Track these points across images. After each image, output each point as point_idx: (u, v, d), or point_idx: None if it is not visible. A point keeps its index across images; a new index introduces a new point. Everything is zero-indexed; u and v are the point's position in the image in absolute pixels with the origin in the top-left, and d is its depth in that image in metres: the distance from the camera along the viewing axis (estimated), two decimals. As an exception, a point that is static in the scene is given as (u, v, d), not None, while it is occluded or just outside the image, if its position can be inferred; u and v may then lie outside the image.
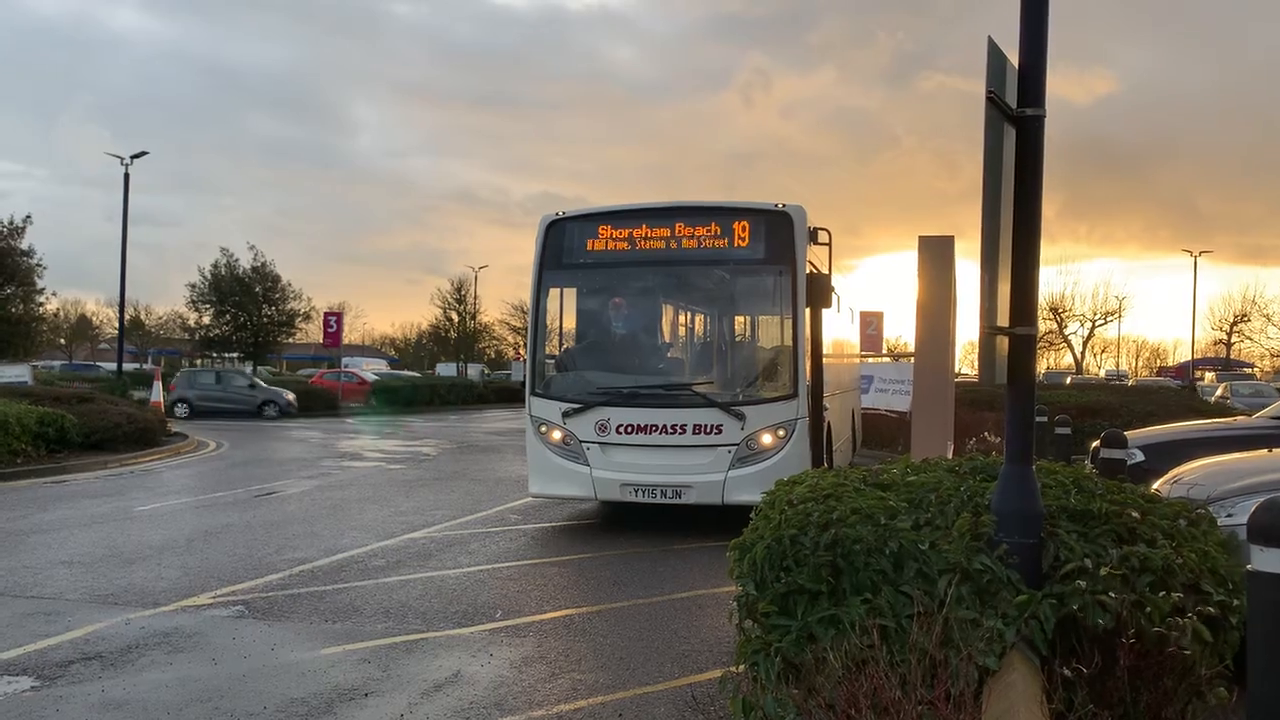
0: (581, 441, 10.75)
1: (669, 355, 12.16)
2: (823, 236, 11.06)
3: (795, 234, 10.53)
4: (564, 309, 11.83)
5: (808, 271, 10.64)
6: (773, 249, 10.70)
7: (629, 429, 10.56)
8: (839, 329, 14.96)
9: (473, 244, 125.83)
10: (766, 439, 10.36)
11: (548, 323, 11.59)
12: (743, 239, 10.75)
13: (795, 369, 10.44)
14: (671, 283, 11.71)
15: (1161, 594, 3.76)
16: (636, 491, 10.57)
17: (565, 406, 10.88)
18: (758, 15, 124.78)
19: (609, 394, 10.80)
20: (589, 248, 11.27)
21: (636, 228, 11.03)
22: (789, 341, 10.62)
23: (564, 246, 11.29)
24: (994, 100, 4.05)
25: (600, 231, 11.16)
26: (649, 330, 11.84)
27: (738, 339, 12.48)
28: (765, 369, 11.14)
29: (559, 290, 11.67)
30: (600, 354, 11.64)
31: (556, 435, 10.91)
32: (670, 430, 10.45)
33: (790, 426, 10.37)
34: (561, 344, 12.05)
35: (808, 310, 10.52)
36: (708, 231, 10.86)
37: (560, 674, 5.95)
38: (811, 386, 10.58)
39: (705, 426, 10.41)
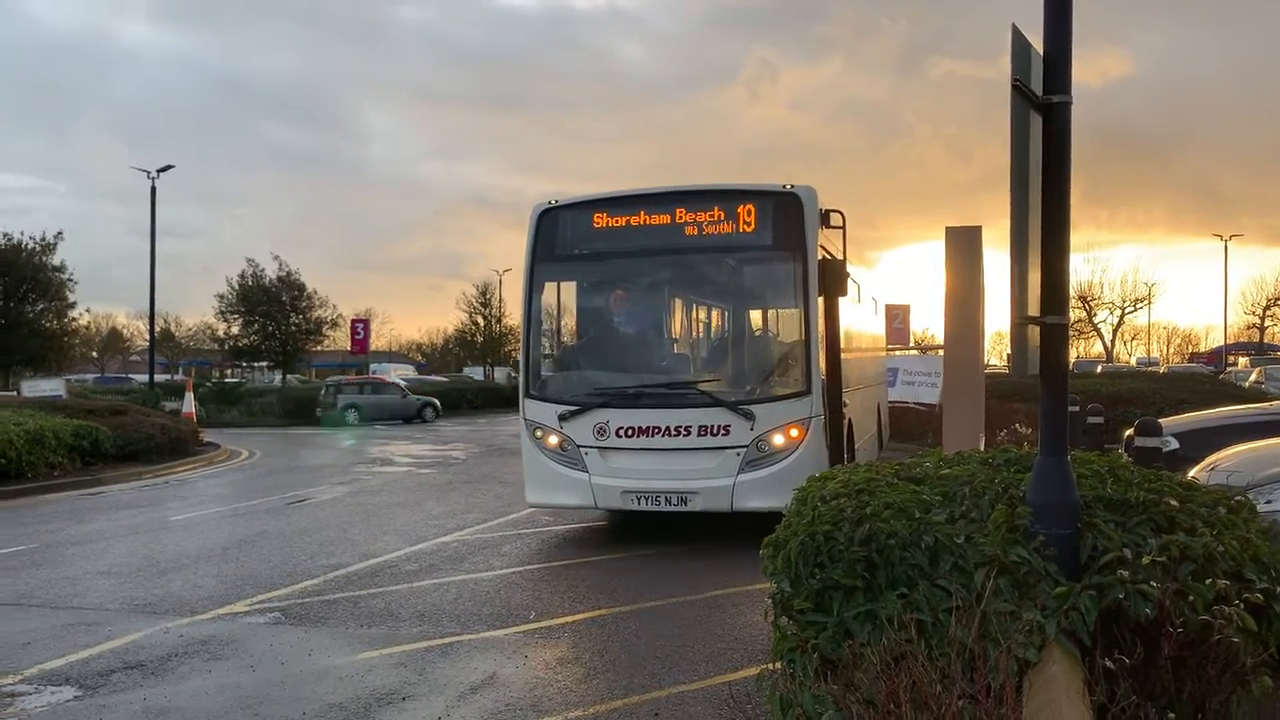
0: (579, 446, 10.05)
1: (671, 351, 11.34)
2: (836, 219, 10.24)
3: (805, 217, 9.79)
4: (558, 304, 11.16)
5: (820, 257, 9.90)
6: (781, 233, 9.95)
7: (629, 432, 9.88)
8: (860, 319, 14.12)
9: (490, 247, 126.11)
10: (778, 440, 9.62)
11: (542, 320, 10.84)
12: (748, 223, 9.99)
13: (808, 363, 9.72)
14: (672, 273, 10.89)
15: (1207, 581, 3.71)
16: (639, 499, 9.90)
17: (561, 409, 10.16)
18: (765, 7, 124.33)
19: (607, 394, 10.09)
20: (583, 238, 10.63)
21: (634, 215, 10.31)
22: (801, 334, 9.88)
23: (557, 237, 10.60)
24: (1019, 88, 4.02)
25: (595, 220, 10.44)
26: (649, 325, 11.08)
27: (745, 332, 11.59)
28: (776, 364, 10.46)
29: (552, 284, 10.97)
30: (597, 352, 10.95)
31: (553, 440, 10.22)
32: (674, 432, 9.76)
33: (804, 425, 9.63)
34: (556, 342, 11.39)
35: (821, 299, 9.80)
36: (710, 217, 10.08)
37: (595, 674, 5.95)
38: (828, 382, 9.89)
39: (711, 428, 9.70)
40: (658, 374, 10.55)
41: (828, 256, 10.18)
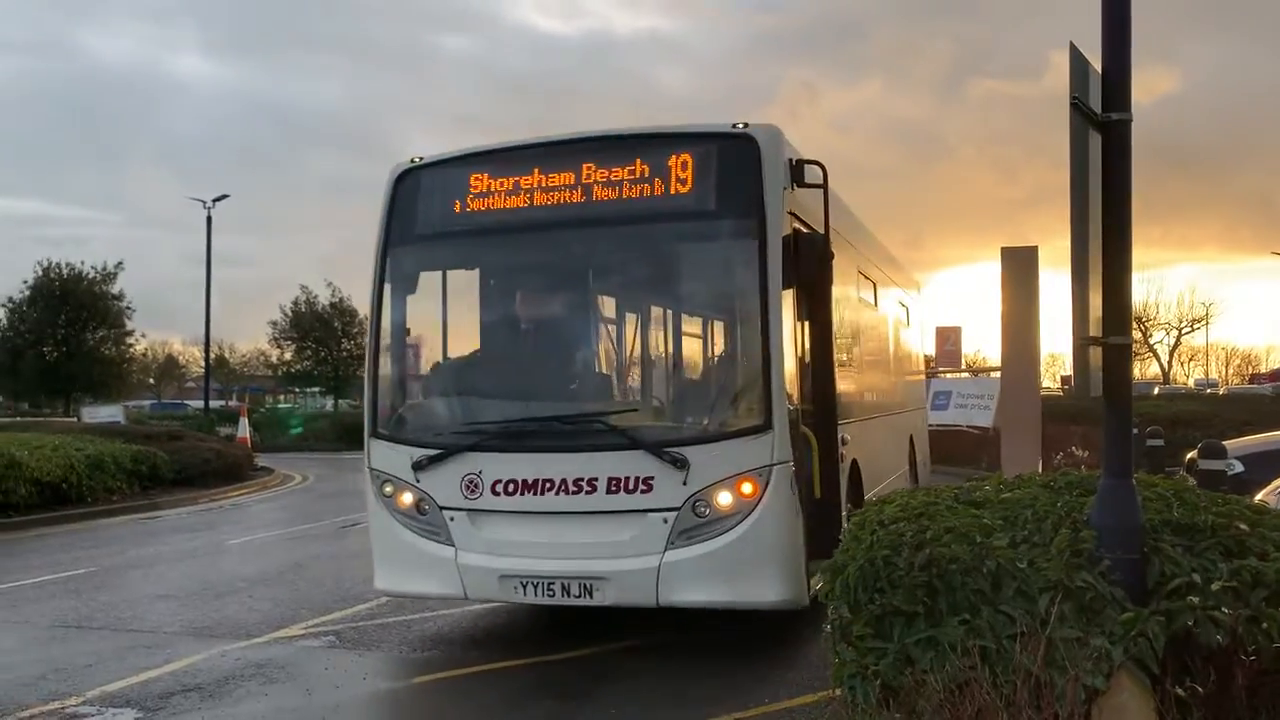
0: (442, 509, 6.99)
1: (571, 371, 7.82)
2: (813, 174, 7.22)
3: (764, 168, 6.69)
4: (418, 304, 7.75)
5: (790, 230, 6.82)
6: (728, 194, 6.82)
7: (510, 487, 6.80)
8: (879, 326, 10.90)
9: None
10: (724, 498, 6.43)
11: (399, 327, 7.68)
12: (683, 180, 6.85)
13: (767, 385, 6.45)
14: (575, 256, 7.61)
15: (1280, 609, 3.61)
16: (523, 587, 6.75)
17: (417, 454, 7.07)
18: (803, 30, 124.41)
19: (479, 434, 7.03)
20: (456, 209, 7.41)
21: (526, 174, 7.18)
22: (758, 342, 6.59)
23: (419, 210, 7.59)
24: (1078, 106, 3.98)
25: (473, 184, 7.32)
26: (541, 333, 7.79)
27: (678, 342, 8.35)
28: (720, 388, 7.39)
29: (412, 276, 7.67)
30: (468, 373, 7.83)
31: (406, 499, 7.15)
32: (573, 488, 6.68)
33: (762, 476, 6.40)
34: (413, 360, 8.13)
35: (791, 292, 6.79)
36: (630, 173, 6.97)
37: (650, 704, 5.91)
38: (815, 410, 7.17)
39: (626, 481, 6.59)
40: (550, 403, 7.41)
41: (801, 229, 7.11)
